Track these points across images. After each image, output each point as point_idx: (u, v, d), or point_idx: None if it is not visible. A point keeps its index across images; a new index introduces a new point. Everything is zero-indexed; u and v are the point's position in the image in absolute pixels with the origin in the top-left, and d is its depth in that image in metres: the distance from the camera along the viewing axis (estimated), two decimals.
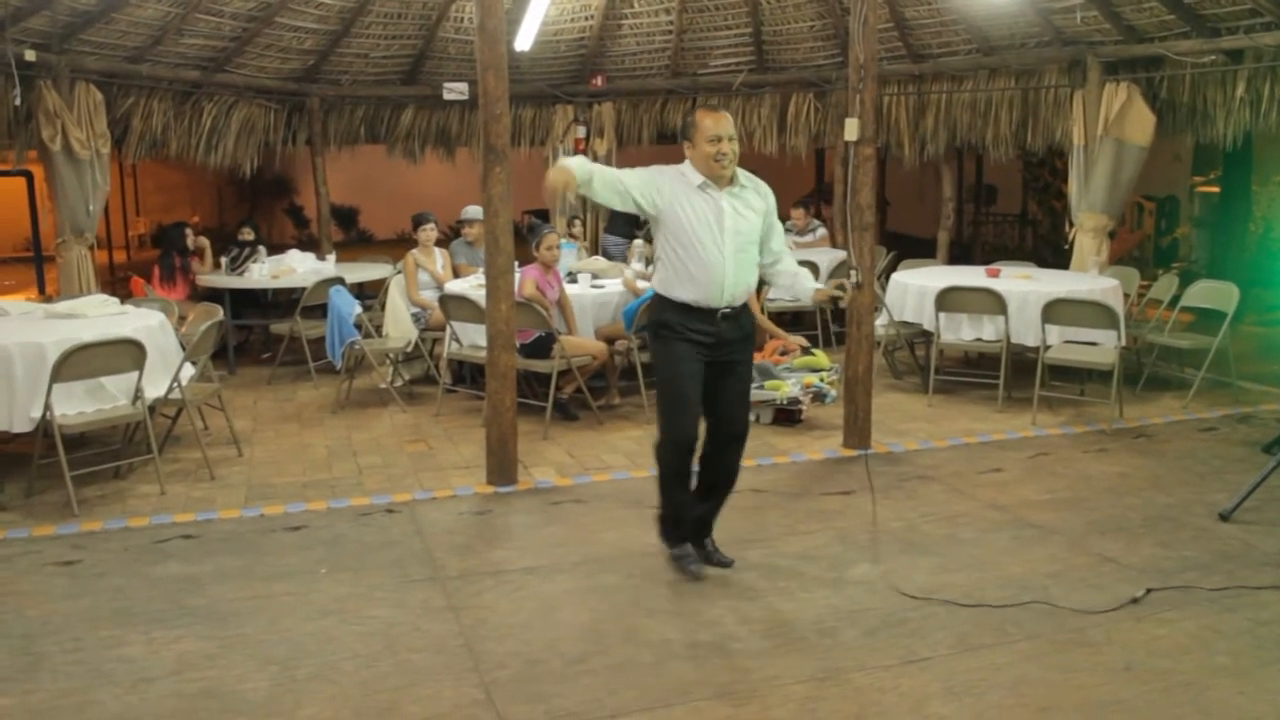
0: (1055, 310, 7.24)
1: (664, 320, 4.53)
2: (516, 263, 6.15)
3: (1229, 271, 10.33)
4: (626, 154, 12.36)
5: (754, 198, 4.57)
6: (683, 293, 4.46)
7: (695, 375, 4.52)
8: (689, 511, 4.76)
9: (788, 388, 7.13)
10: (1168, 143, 10.56)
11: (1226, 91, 8.71)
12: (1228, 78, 8.66)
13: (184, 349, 6.56)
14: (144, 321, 6.52)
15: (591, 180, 4.37)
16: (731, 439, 4.71)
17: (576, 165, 4.35)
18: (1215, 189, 12.89)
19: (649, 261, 6.69)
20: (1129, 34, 9.09)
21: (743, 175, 4.56)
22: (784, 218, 11.27)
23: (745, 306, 4.61)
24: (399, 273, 8.99)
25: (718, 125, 4.40)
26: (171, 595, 4.56)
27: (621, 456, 6.56)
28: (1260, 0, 7.86)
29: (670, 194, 4.44)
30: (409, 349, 8.28)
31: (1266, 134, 9.04)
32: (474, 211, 9.19)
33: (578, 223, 10.86)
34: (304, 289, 8.74)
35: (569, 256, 8.63)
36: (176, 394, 6.29)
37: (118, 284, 11.97)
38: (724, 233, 4.43)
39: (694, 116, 4.49)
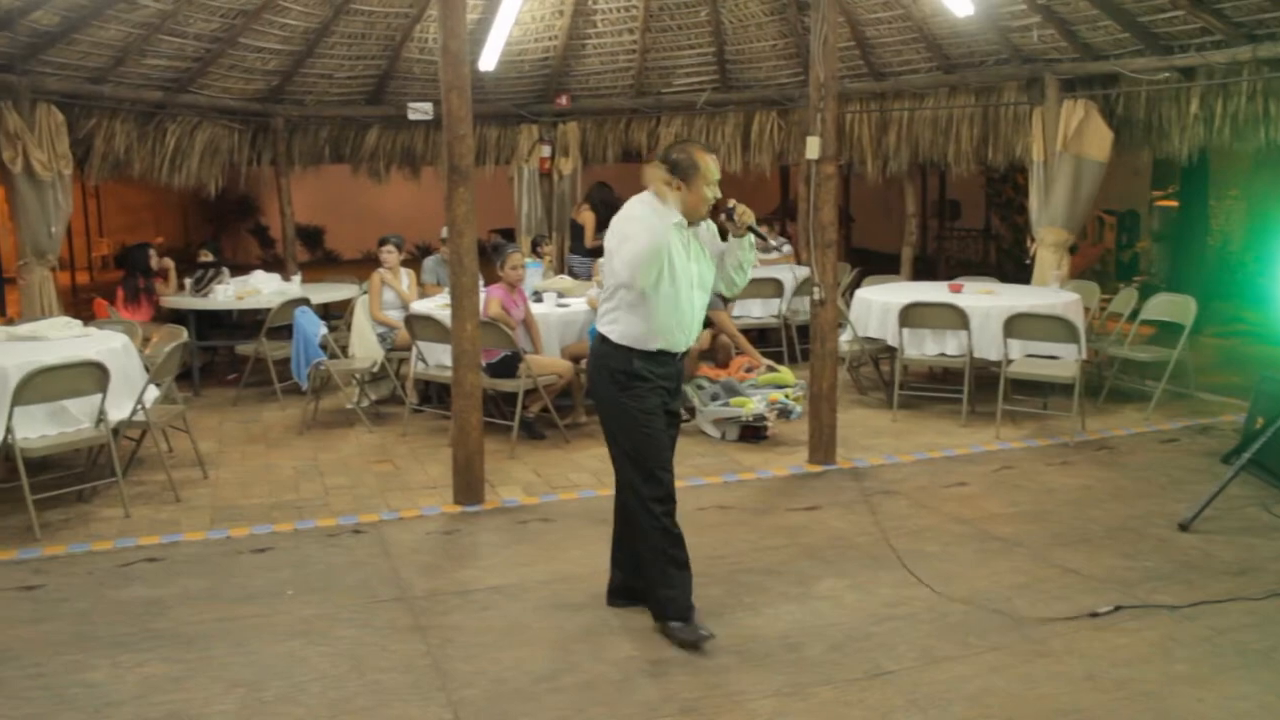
0: (1017, 325, 7.32)
1: (635, 371, 4.26)
2: (482, 282, 6.16)
3: (1188, 285, 10.47)
4: (591, 172, 12.43)
5: (706, 234, 4.45)
6: (656, 342, 4.27)
7: (663, 422, 4.35)
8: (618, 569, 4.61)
9: (753, 404, 7.17)
10: (1127, 158, 10.70)
11: (1181, 108, 8.83)
12: (1182, 94, 8.79)
13: (148, 371, 6.52)
14: (107, 343, 6.49)
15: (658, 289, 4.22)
16: None
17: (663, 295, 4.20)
18: (1174, 203, 13.06)
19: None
20: (1085, 52, 9.22)
21: None
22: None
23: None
24: (364, 293, 8.99)
25: (717, 169, 4.29)
26: (136, 619, 4.53)
27: (588, 475, 6.57)
28: (1211, 19, 8.00)
29: (663, 237, 4.15)
30: (375, 369, 8.27)
31: (1221, 149, 9.19)
32: None
33: (544, 242, 10.88)
34: (269, 310, 8.71)
35: (534, 275, 8.64)
36: (140, 416, 6.25)
37: (80, 306, 11.87)
38: (693, 269, 4.29)
39: (692, 156, 4.24)
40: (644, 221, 4.16)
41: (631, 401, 4.27)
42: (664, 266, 4.15)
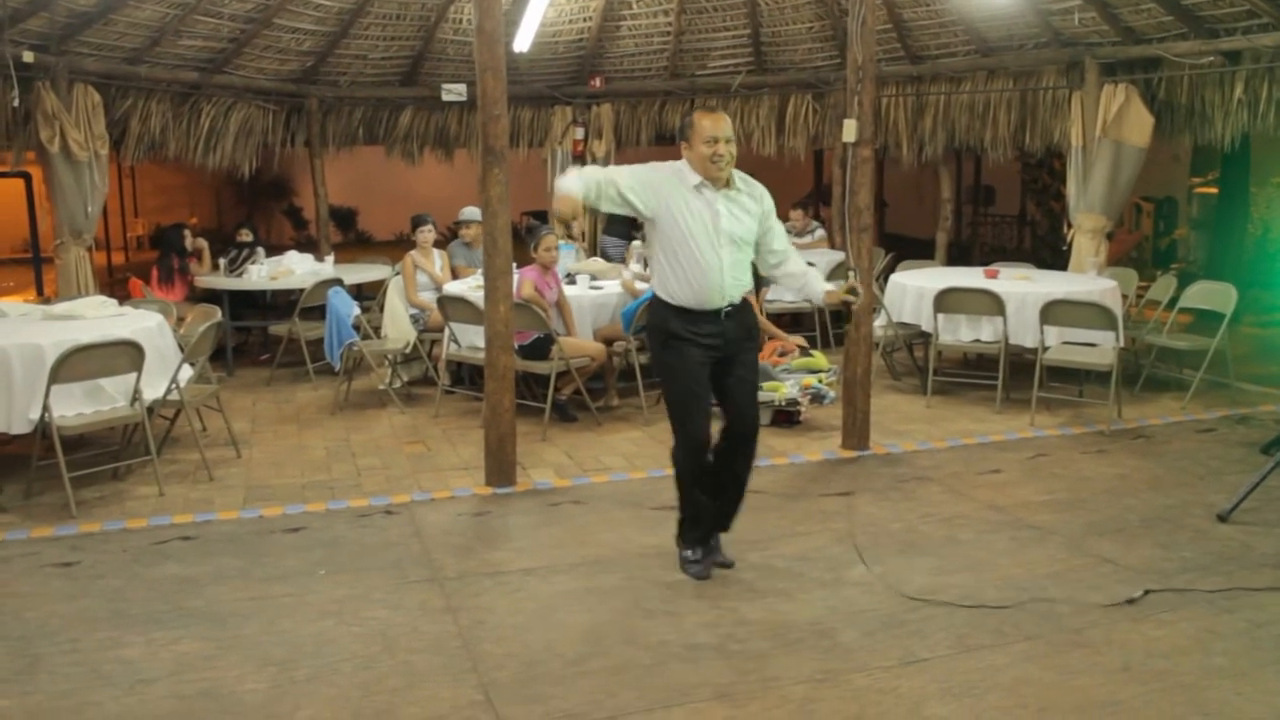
0: (1053, 311, 7.25)
1: (669, 328, 4.49)
2: (515, 264, 6.15)
3: (1227, 273, 10.33)
4: (625, 155, 12.36)
5: (749, 201, 4.55)
6: (683, 296, 4.44)
7: (703, 378, 4.51)
8: (705, 511, 4.73)
9: (786, 389, 7.14)
10: (1166, 144, 10.56)
11: (1224, 93, 8.71)
12: (1225, 79, 8.66)
13: (182, 350, 6.56)
14: (142, 323, 6.53)
15: (590, 193, 4.34)
16: (744, 438, 4.65)
17: (577, 186, 4.30)
18: (1213, 190, 12.90)
19: (647, 263, 6.69)
20: (1127, 35, 9.09)
21: (739, 178, 4.53)
22: (783, 219, 11.31)
23: (745, 303, 4.60)
24: (397, 274, 9.00)
25: (715, 127, 4.37)
26: (170, 596, 4.56)
27: (620, 458, 6.56)
28: (1258, 2, 7.87)
29: (666, 194, 4.41)
30: (407, 350, 8.27)
31: (1264, 135, 9.05)
32: (471, 213, 9.21)
33: (576, 224, 10.84)
34: (302, 290, 8.75)
35: (567, 258, 8.63)
36: (175, 395, 6.29)
37: (116, 285, 11.96)
38: (719, 234, 4.41)
39: (692, 117, 4.46)
40: (650, 165, 4.53)
41: (669, 358, 4.53)
42: (676, 222, 4.41)
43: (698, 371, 4.49)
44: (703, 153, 4.38)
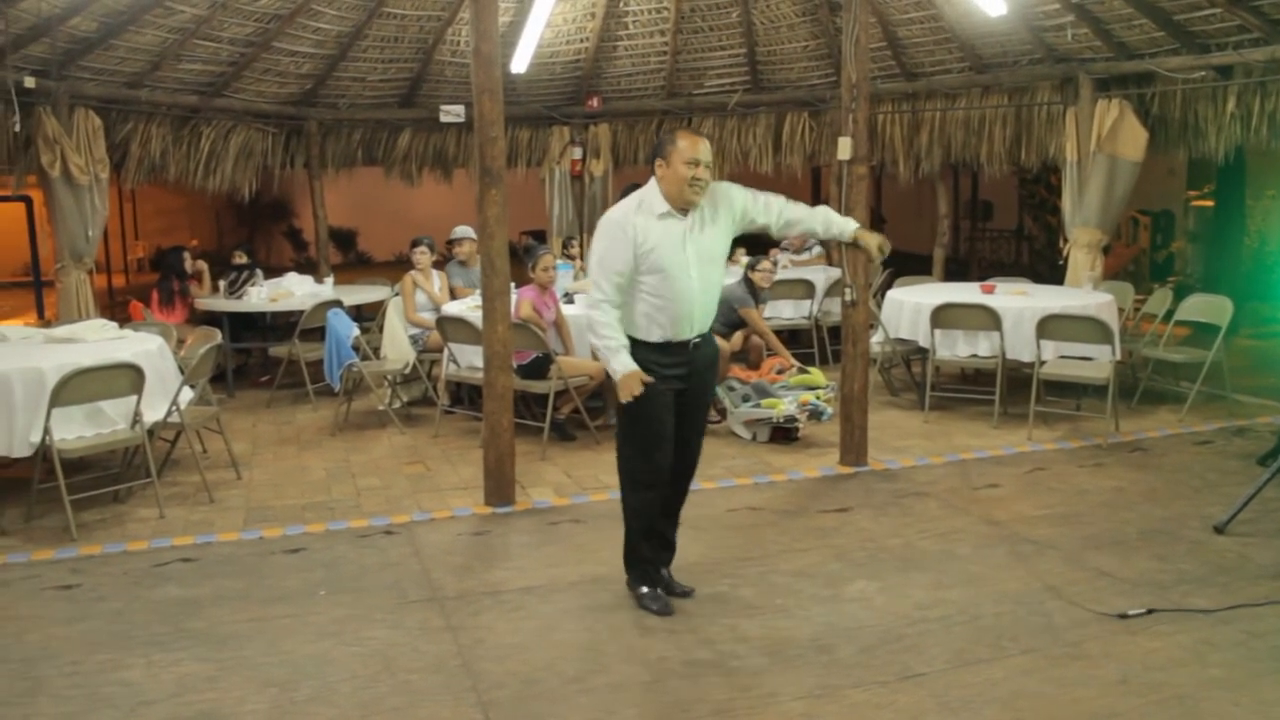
0: (1050, 326, 7.27)
1: (637, 359, 4.35)
2: (513, 284, 6.17)
3: (1224, 285, 10.36)
4: (623, 174, 12.43)
5: (718, 211, 4.44)
6: (655, 331, 4.36)
7: (668, 413, 4.42)
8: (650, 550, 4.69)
9: (784, 406, 7.15)
10: (1162, 158, 10.60)
11: (1217, 107, 8.76)
12: (1218, 93, 8.71)
13: (182, 372, 6.58)
14: (142, 345, 6.55)
15: (619, 316, 4.34)
16: (690, 467, 4.69)
17: (619, 354, 4.29)
18: (1210, 203, 12.94)
19: None
20: (1120, 51, 9.15)
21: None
22: (782, 237, 11.35)
23: (710, 334, 4.55)
24: (397, 294, 9.03)
25: (696, 149, 4.27)
26: (171, 618, 4.57)
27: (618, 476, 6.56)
28: (1248, 17, 7.92)
29: (635, 236, 4.27)
30: (407, 371, 8.30)
31: (1258, 148, 9.09)
32: (463, 230, 9.27)
33: (574, 243, 10.90)
34: (302, 312, 8.77)
35: (565, 277, 8.66)
36: (175, 417, 6.31)
37: (116, 308, 12.00)
38: (689, 257, 4.32)
39: (672, 135, 4.36)
40: (607, 228, 4.35)
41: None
42: (648, 260, 4.27)
43: (663, 405, 4.40)
44: (682, 173, 4.26)
